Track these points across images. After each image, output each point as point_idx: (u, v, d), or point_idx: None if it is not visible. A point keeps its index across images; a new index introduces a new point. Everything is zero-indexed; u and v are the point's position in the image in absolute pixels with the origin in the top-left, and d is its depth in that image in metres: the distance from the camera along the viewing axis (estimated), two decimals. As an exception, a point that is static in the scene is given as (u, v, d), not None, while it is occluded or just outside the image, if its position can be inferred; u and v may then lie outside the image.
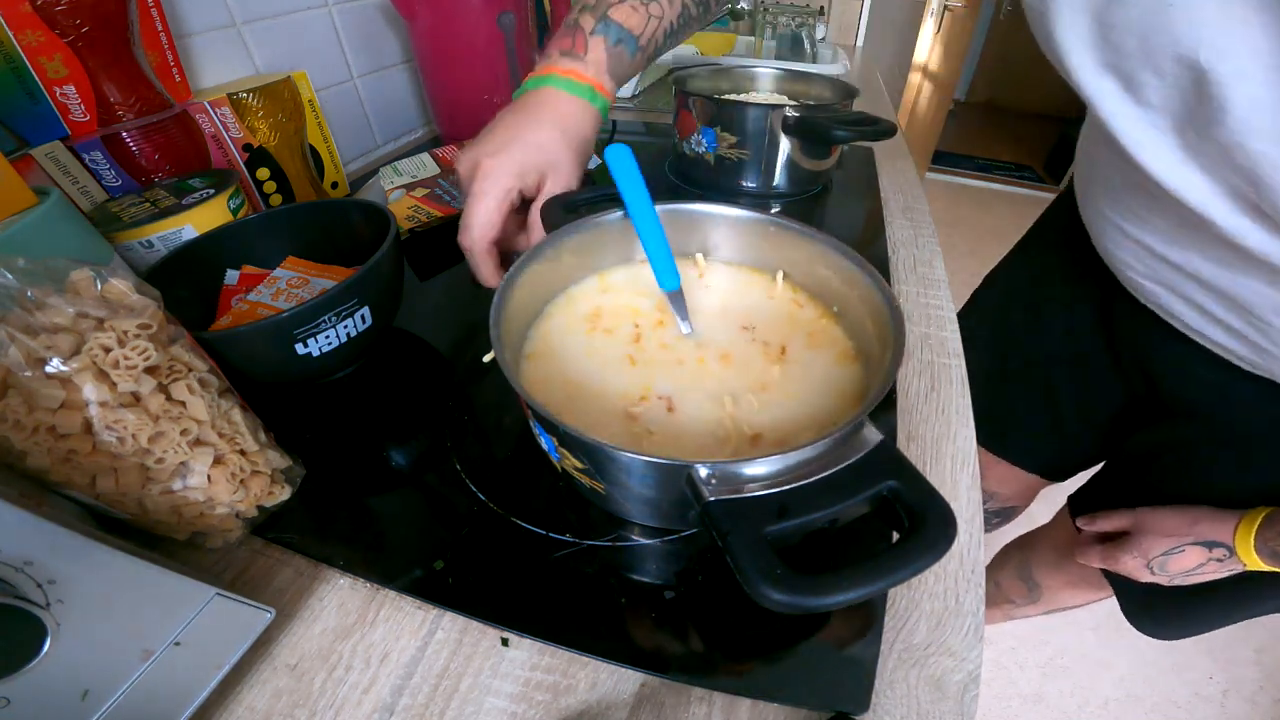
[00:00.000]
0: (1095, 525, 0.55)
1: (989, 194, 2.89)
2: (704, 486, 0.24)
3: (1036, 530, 0.80)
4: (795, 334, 0.39)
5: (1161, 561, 0.48)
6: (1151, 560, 0.48)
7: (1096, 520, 0.55)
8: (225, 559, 0.35)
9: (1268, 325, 0.38)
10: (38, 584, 0.21)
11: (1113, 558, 0.51)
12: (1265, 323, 0.38)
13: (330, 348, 0.40)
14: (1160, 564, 0.48)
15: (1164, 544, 0.47)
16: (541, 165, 0.41)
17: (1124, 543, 0.50)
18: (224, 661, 0.28)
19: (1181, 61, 0.28)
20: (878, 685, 0.29)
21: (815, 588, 0.21)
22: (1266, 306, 0.37)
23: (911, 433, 0.42)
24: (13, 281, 0.26)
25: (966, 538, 0.35)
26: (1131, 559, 0.49)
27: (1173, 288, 0.43)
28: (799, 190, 0.72)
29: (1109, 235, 0.47)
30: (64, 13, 0.42)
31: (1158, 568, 0.48)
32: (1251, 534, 0.42)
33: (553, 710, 0.28)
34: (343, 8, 0.75)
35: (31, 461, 0.26)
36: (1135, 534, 0.49)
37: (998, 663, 1.16)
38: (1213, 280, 0.39)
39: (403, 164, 0.70)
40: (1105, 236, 0.47)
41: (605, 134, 0.95)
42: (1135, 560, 0.49)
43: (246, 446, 0.33)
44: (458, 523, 0.35)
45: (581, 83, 0.44)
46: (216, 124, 0.56)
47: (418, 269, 0.59)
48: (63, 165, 0.48)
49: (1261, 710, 1.10)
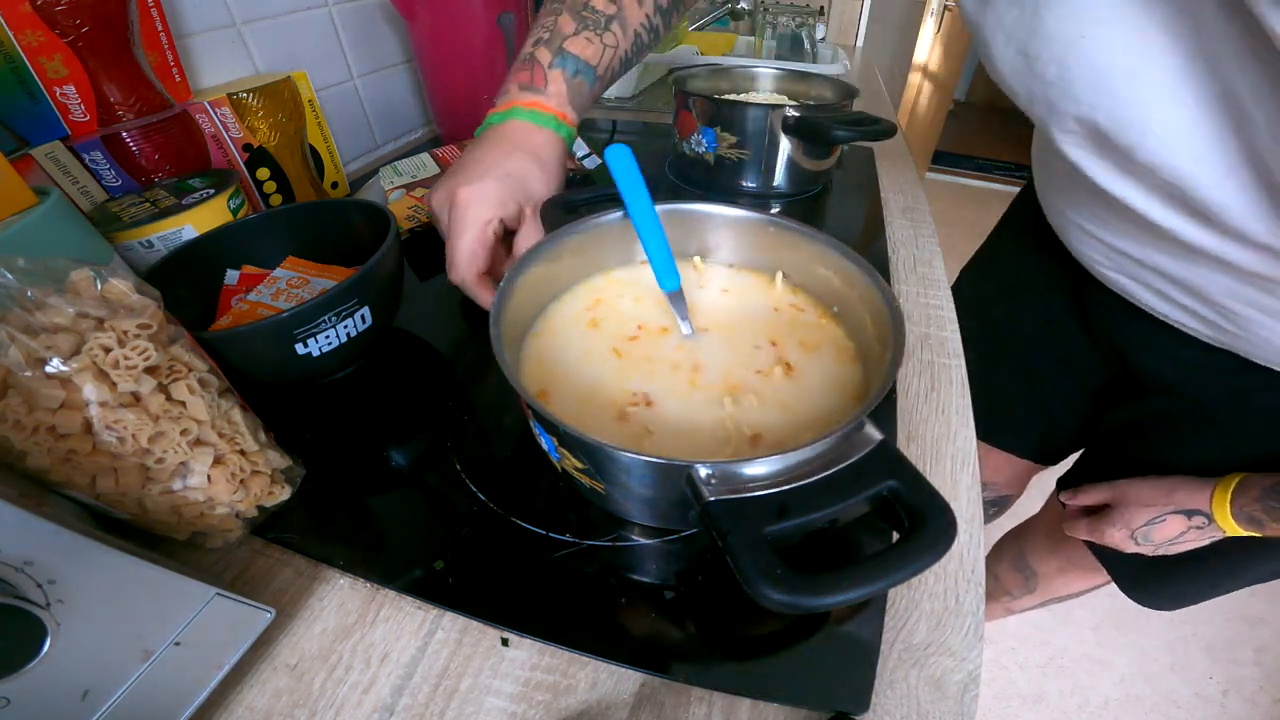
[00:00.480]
0: (1077, 499, 0.57)
1: (989, 194, 2.89)
2: (704, 486, 0.24)
3: (1030, 518, 0.82)
4: (795, 334, 0.39)
5: (1145, 532, 0.49)
6: (1135, 531, 0.50)
7: (1079, 494, 0.56)
8: (225, 559, 0.35)
9: (1226, 309, 0.40)
10: (38, 584, 0.21)
11: (1099, 530, 0.53)
12: (1224, 307, 0.40)
13: (330, 348, 0.40)
14: (1144, 534, 0.49)
15: (1145, 514, 0.49)
16: (520, 195, 0.42)
17: (1108, 515, 0.52)
18: (224, 661, 0.28)
19: (1089, 105, 0.30)
20: (878, 685, 0.29)
21: (815, 588, 0.21)
22: (1223, 292, 0.39)
23: (911, 433, 0.42)
24: (13, 281, 0.26)
25: (966, 538, 0.35)
26: (1116, 530, 0.51)
27: (1137, 278, 0.45)
28: (799, 190, 0.72)
29: (1072, 233, 0.48)
30: (64, 13, 0.42)
31: (1141, 538, 0.50)
32: (1227, 500, 0.43)
33: (553, 710, 0.28)
34: (343, 8, 0.75)
35: (31, 461, 0.26)
36: (1117, 506, 0.51)
37: (998, 663, 1.16)
38: (1172, 272, 0.41)
39: (403, 164, 0.70)
40: (1069, 234, 0.49)
41: (605, 134, 0.95)
42: (1120, 531, 0.51)
43: (246, 446, 0.33)
44: (458, 523, 0.35)
45: (546, 113, 0.44)
46: (216, 124, 0.56)
47: (418, 269, 0.59)
48: (63, 165, 0.48)
49: (1261, 710, 1.10)
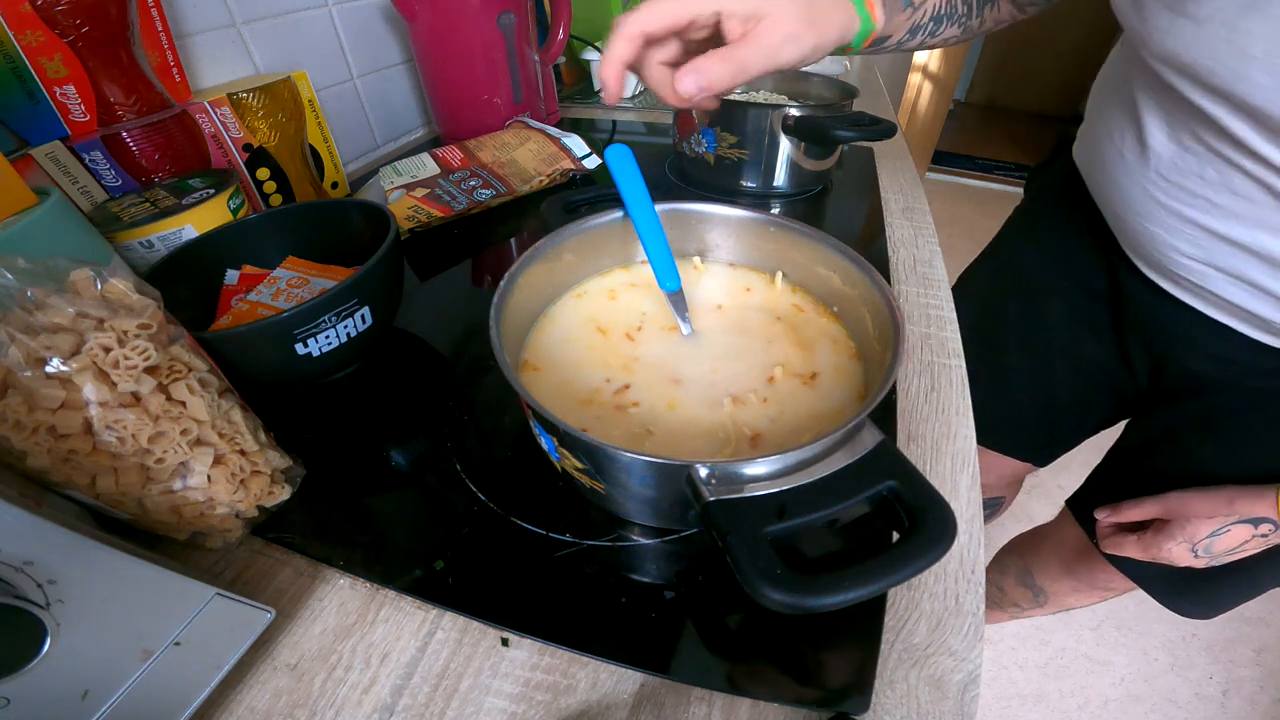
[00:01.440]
0: (1121, 516, 0.53)
1: (989, 194, 2.89)
2: (704, 486, 0.24)
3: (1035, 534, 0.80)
4: (795, 334, 0.39)
5: (1207, 544, 0.47)
6: (1197, 543, 0.47)
7: (1120, 511, 0.53)
8: (225, 559, 0.35)
9: None
10: (38, 584, 0.21)
11: (1155, 546, 0.50)
12: None
13: (330, 348, 0.40)
14: (1205, 546, 0.47)
15: (1208, 526, 0.46)
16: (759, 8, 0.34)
17: (1166, 529, 0.49)
18: (224, 661, 0.28)
19: None
20: (878, 685, 0.29)
21: (815, 588, 0.21)
22: None
23: (911, 433, 0.42)
24: (13, 281, 0.26)
25: (966, 538, 0.35)
26: (1176, 545, 0.48)
27: (1225, 268, 0.42)
28: (799, 190, 0.72)
29: (1155, 220, 0.45)
30: (64, 13, 0.42)
31: (1203, 550, 0.47)
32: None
33: (553, 710, 0.28)
34: (343, 8, 0.75)
35: (31, 461, 0.26)
36: (1175, 520, 0.48)
37: (998, 663, 1.16)
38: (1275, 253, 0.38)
39: (403, 164, 0.70)
40: (1145, 225, 0.46)
41: (605, 134, 0.95)
42: (1181, 546, 0.48)
43: (246, 446, 0.33)
44: (458, 523, 0.35)
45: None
46: (216, 124, 0.56)
47: (418, 269, 0.59)
48: (63, 165, 0.48)
49: (1261, 710, 1.10)
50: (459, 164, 0.70)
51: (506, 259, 0.62)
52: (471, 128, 0.81)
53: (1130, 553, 0.53)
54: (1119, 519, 0.54)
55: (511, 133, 0.77)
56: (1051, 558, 0.74)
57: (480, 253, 0.63)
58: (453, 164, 0.70)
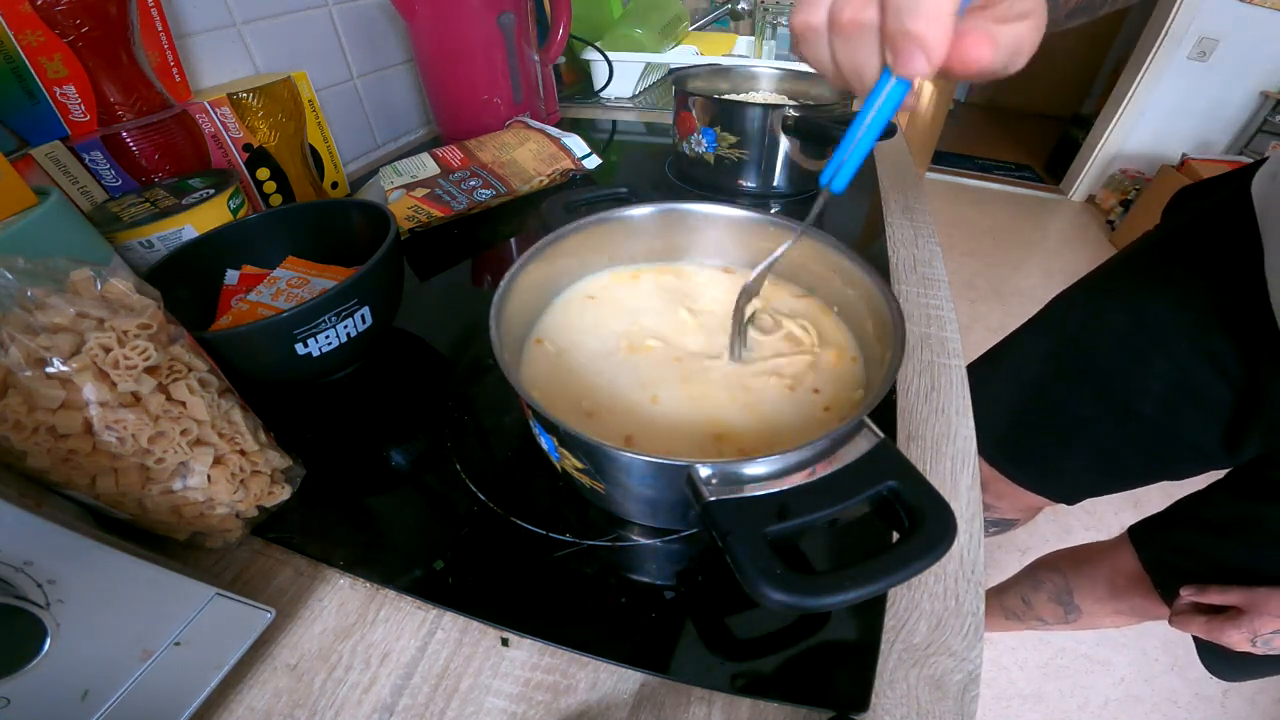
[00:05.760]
0: (1204, 597, 0.52)
1: (989, 194, 2.89)
2: (704, 486, 0.24)
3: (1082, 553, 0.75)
4: (795, 334, 0.39)
5: (1268, 639, 0.47)
6: (1259, 636, 0.48)
7: (1207, 594, 0.52)
8: (225, 559, 0.35)
9: None
10: (38, 584, 0.21)
11: (1219, 630, 0.50)
12: None
13: (330, 348, 0.40)
14: (1265, 640, 0.48)
15: (1275, 624, 0.47)
16: None
17: (1234, 618, 0.49)
18: (224, 661, 0.28)
19: None
20: (878, 685, 0.29)
21: (815, 588, 0.21)
22: None
23: (911, 433, 0.42)
24: (13, 281, 0.26)
25: (966, 538, 0.35)
26: (1238, 634, 0.48)
27: None
28: (799, 190, 0.72)
29: None
30: (64, 13, 0.42)
31: (1261, 644, 0.48)
32: None
33: (553, 710, 0.28)
34: (343, 8, 0.75)
35: (31, 461, 0.26)
36: (1248, 611, 0.48)
37: (998, 663, 1.16)
38: None
39: (403, 164, 0.70)
40: None
41: (605, 134, 0.95)
42: (1242, 635, 0.48)
43: (246, 446, 0.33)
44: (458, 523, 0.35)
45: None
46: (216, 124, 0.56)
47: (418, 269, 0.59)
48: (63, 165, 0.48)
49: (1261, 710, 1.10)
50: (459, 164, 0.70)
51: (506, 259, 0.62)
52: (471, 128, 0.81)
53: (1195, 631, 0.52)
54: (1201, 599, 0.53)
55: (511, 133, 0.77)
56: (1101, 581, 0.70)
57: (480, 253, 0.63)
58: (453, 164, 0.70)
